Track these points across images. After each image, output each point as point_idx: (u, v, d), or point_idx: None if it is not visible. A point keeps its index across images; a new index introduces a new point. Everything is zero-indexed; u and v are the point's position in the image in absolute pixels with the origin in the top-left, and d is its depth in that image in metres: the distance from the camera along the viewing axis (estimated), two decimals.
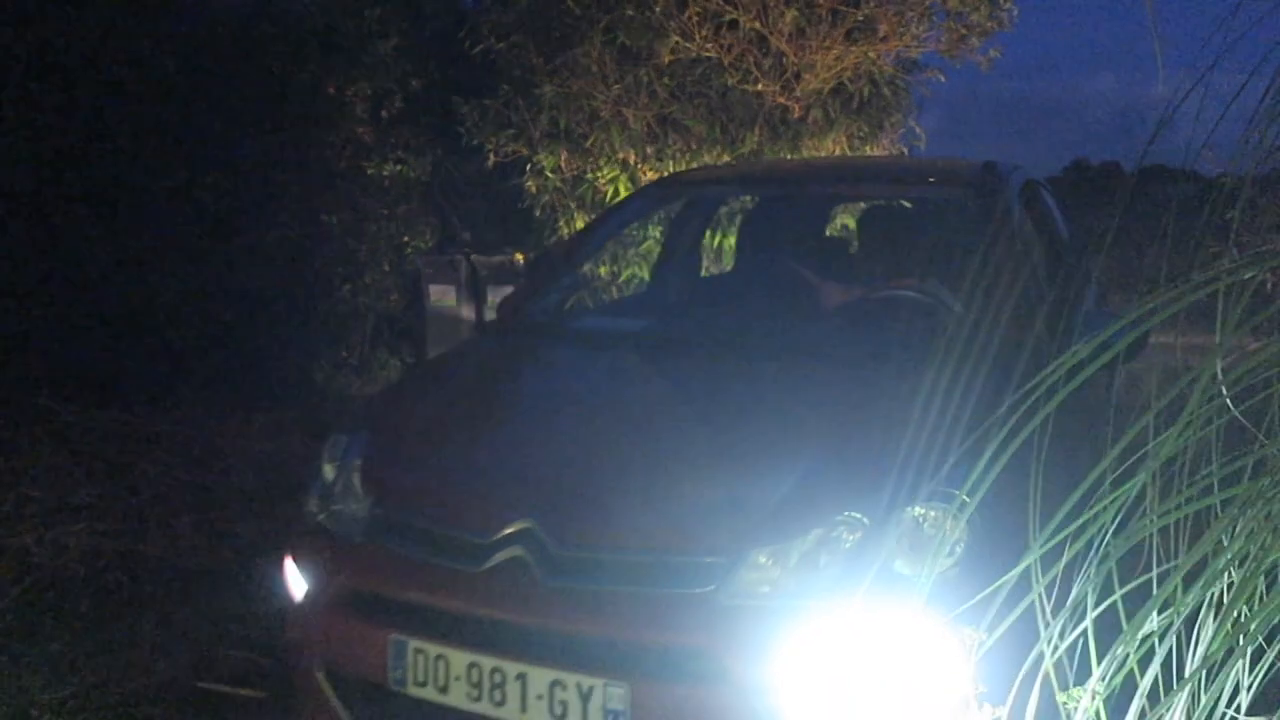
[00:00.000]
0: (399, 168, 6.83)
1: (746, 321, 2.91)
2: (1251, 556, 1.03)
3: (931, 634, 1.27)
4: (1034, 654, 1.06)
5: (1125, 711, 1.14)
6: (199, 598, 3.38)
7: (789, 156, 6.39)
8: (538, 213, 6.37)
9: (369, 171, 6.71)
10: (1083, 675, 1.14)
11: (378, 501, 2.20)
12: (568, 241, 5.16)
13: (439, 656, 1.96)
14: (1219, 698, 1.09)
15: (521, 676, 1.90)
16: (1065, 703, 1.25)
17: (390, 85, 6.74)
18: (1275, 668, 1.15)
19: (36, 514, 3.80)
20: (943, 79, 7.47)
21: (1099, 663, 1.12)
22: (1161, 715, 1.03)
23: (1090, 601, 1.09)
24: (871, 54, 6.58)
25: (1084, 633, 1.14)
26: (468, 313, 6.27)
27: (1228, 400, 1.00)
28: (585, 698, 1.84)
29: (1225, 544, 0.98)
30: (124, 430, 4.64)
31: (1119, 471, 1.04)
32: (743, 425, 2.22)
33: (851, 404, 2.25)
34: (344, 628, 2.13)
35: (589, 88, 5.98)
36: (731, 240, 5.26)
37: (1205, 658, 1.03)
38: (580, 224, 6.02)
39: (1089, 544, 1.01)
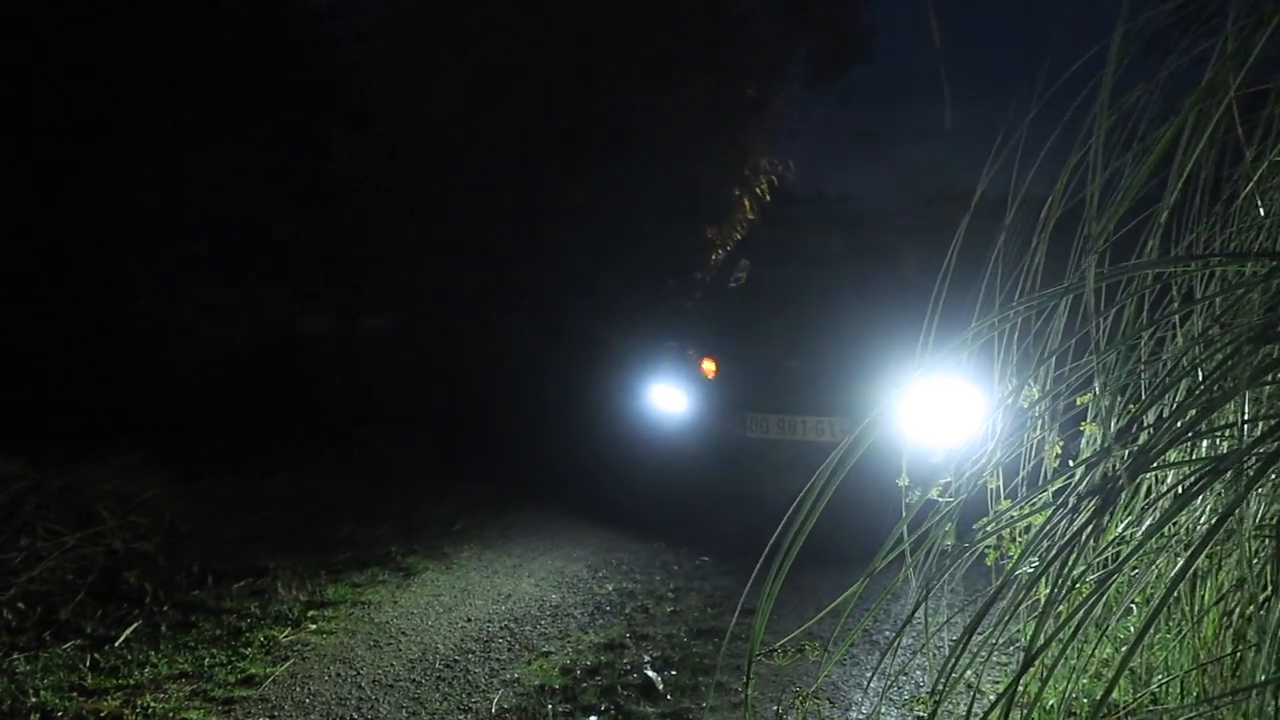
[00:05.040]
0: None
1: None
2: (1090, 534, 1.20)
3: (969, 391, 2.42)
4: None
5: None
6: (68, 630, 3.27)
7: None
8: None
9: None
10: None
11: (719, 360, 5.03)
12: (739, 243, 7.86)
13: (763, 418, 4.72)
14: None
15: (802, 420, 4.61)
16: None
17: None
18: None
19: None
20: (782, 108, 7.85)
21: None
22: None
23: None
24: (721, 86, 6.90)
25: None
26: None
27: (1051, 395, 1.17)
28: (830, 425, 4.51)
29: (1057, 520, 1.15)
30: None
31: None
32: (870, 314, 4.57)
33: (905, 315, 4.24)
34: (715, 411, 4.92)
35: None
36: None
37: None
38: None
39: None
